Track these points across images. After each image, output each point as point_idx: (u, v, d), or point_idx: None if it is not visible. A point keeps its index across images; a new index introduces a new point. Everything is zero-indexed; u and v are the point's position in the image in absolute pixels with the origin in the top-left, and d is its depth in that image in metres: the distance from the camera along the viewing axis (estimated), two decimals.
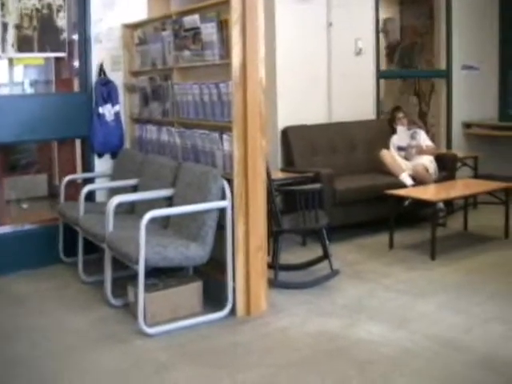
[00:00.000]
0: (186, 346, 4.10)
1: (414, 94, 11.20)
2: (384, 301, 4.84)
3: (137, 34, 6.06)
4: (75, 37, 6.07)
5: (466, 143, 9.17)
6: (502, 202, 6.61)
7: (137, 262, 4.17)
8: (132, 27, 6.14)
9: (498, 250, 6.17)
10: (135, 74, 6.15)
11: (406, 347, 4.01)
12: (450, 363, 3.78)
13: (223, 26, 4.62)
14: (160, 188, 5.08)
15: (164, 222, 4.89)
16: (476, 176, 8.19)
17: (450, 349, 3.97)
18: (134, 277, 4.37)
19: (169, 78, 5.46)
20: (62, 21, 5.95)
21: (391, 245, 6.24)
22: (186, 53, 5.11)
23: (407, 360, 3.83)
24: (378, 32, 8.06)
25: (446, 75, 8.96)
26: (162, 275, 4.67)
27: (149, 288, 4.40)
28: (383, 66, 8.74)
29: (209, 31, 4.76)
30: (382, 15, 8.68)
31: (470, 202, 7.35)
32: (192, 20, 4.93)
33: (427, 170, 7.02)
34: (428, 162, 7.16)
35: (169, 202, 4.95)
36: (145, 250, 4.14)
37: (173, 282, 4.60)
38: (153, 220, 4.36)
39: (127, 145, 6.19)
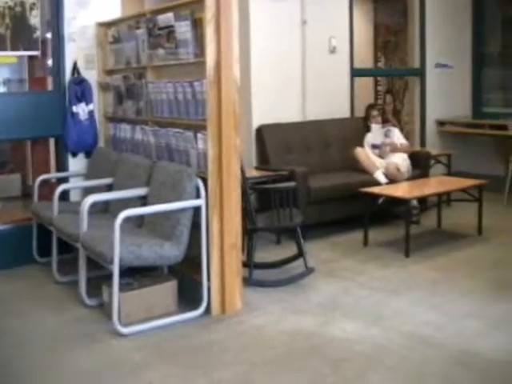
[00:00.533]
0: (160, 345, 4.09)
1: (388, 92, 11.28)
2: (358, 298, 4.86)
3: (111, 32, 6.02)
4: (49, 35, 6.03)
5: (440, 141, 9.24)
6: (475, 199, 6.67)
7: (111, 262, 4.15)
8: (106, 26, 6.10)
9: (472, 246, 6.23)
10: (109, 72, 6.12)
11: (381, 344, 4.03)
12: (425, 360, 3.81)
13: (197, 25, 4.61)
14: (134, 187, 5.06)
15: (138, 222, 4.88)
16: (449, 173, 8.25)
17: (424, 345, 4.00)
18: (108, 276, 4.35)
19: (143, 77, 5.44)
20: (35, 19, 5.91)
21: (365, 242, 6.28)
22: (161, 51, 5.09)
23: (382, 357, 3.86)
24: (352, 30, 8.09)
25: (420, 73, 9.03)
26: (137, 275, 4.65)
27: (123, 287, 4.39)
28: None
29: (183, 29, 4.75)
30: (356, 13, 8.71)
31: (443, 200, 7.40)
32: (166, 18, 4.92)
33: (398, 170, 7.06)
34: (401, 160, 7.20)
35: (143, 201, 4.93)
36: (119, 250, 4.13)
37: (147, 282, 4.59)
38: (127, 219, 4.35)
39: (101, 144, 6.16)
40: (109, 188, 5.50)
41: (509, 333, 4.17)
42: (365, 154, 7.26)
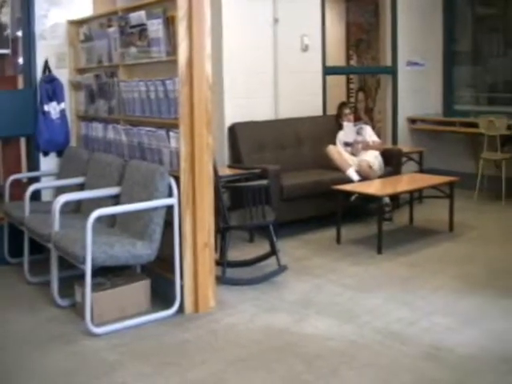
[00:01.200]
0: (134, 344, 4.08)
1: (360, 90, 11.34)
2: (331, 295, 4.89)
3: (82, 30, 5.98)
4: (19, 33, 5.98)
5: (412, 138, 9.31)
6: (446, 195, 6.73)
7: (83, 262, 4.13)
8: (77, 24, 6.07)
9: (443, 243, 6.28)
10: (81, 71, 6.09)
11: (354, 341, 4.06)
12: (397, 355, 3.84)
13: (170, 23, 4.61)
14: (106, 186, 5.05)
15: (111, 221, 4.86)
16: (421, 171, 8.32)
17: (396, 341, 4.04)
18: (81, 276, 4.32)
19: (115, 75, 5.41)
20: (5, 17, 5.87)
21: (338, 240, 6.31)
22: (133, 49, 5.07)
23: (355, 353, 3.88)
24: (324, 28, 8.11)
25: (392, 71, 9.09)
26: (110, 274, 4.63)
27: (96, 287, 4.37)
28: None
29: (155, 28, 4.74)
30: (328, 12, 8.74)
31: (415, 197, 7.47)
32: (138, 16, 4.90)
33: (371, 167, 7.10)
34: (373, 157, 7.25)
35: (115, 200, 4.91)
36: (91, 249, 4.11)
37: (120, 281, 4.58)
38: (99, 219, 4.34)
39: (73, 143, 6.12)
40: (81, 187, 5.47)
41: (479, 328, 4.22)
42: (337, 151, 7.29)
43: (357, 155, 7.36)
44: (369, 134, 7.58)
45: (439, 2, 9.51)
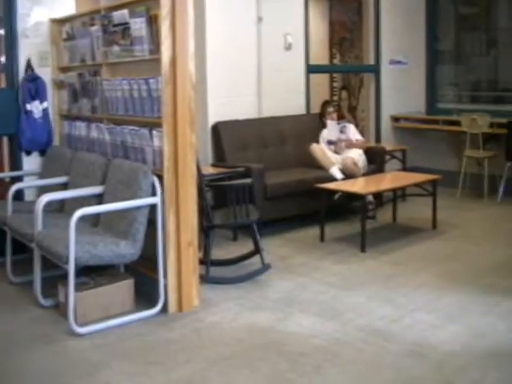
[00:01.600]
0: (118, 344, 4.07)
1: (344, 88, 11.37)
2: (315, 294, 4.90)
3: (65, 29, 5.96)
4: (1, 31, 5.95)
5: (395, 136, 9.35)
6: (429, 193, 6.77)
7: (67, 261, 4.12)
8: (60, 22, 6.05)
9: (426, 240, 6.32)
10: (64, 69, 6.06)
11: (337, 338, 4.07)
12: (380, 352, 3.87)
13: (152, 21, 4.60)
14: (90, 185, 5.03)
15: (94, 220, 4.85)
16: (404, 169, 8.36)
17: (379, 338, 4.06)
18: (64, 276, 4.31)
19: (98, 74, 5.40)
20: None
21: (322, 238, 6.32)
22: (116, 48, 5.06)
23: (338, 351, 3.90)
24: (307, 27, 8.12)
25: (375, 70, 9.12)
26: (93, 273, 4.62)
27: (79, 287, 4.36)
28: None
29: (138, 26, 4.73)
30: (312, 10, 8.75)
31: (398, 195, 7.50)
32: (121, 15, 4.89)
33: (356, 164, 7.12)
34: (357, 155, 7.27)
35: (99, 199, 4.90)
36: (75, 249, 4.10)
37: (104, 281, 4.56)
38: (83, 218, 4.32)
39: (56, 142, 6.10)
40: (64, 187, 5.45)
41: (462, 324, 4.25)
42: (320, 150, 7.31)
43: (340, 153, 7.38)
44: (352, 133, 7.60)
45: (422, 1, 9.56)
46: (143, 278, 4.71)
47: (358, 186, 6.67)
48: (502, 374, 3.58)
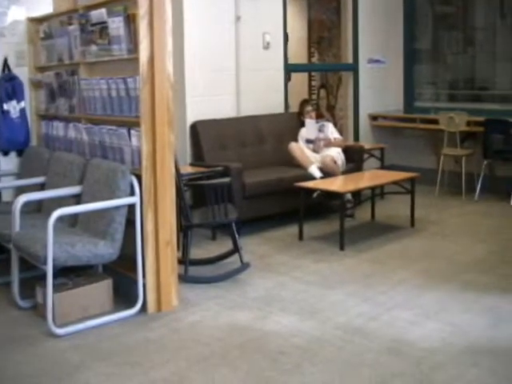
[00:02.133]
0: (97, 345, 4.06)
1: (322, 87, 11.39)
2: (294, 292, 4.91)
3: (42, 28, 5.93)
4: None
5: (373, 135, 9.39)
6: (407, 191, 6.80)
7: (45, 262, 4.09)
8: (37, 21, 6.01)
9: (404, 238, 6.35)
10: (41, 69, 6.03)
11: (317, 337, 4.09)
12: (359, 350, 3.88)
13: (130, 21, 4.58)
14: (68, 186, 5.01)
15: (72, 221, 4.82)
16: (382, 167, 8.40)
17: (358, 336, 4.07)
18: (42, 277, 4.29)
19: (75, 73, 5.37)
20: None
21: (301, 237, 6.34)
22: (93, 47, 5.04)
23: (318, 349, 3.91)
24: (285, 26, 8.13)
25: (353, 68, 9.14)
26: (71, 274, 4.60)
27: (58, 288, 4.34)
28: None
29: (116, 26, 4.71)
30: (290, 9, 8.77)
31: (377, 193, 7.53)
32: (99, 14, 4.87)
33: (335, 162, 7.14)
34: (336, 153, 7.29)
35: (77, 199, 4.88)
36: (52, 249, 4.08)
37: (82, 281, 4.54)
38: (61, 218, 4.30)
39: (34, 142, 6.07)
40: (42, 187, 5.42)
41: (439, 321, 4.28)
42: (299, 148, 7.32)
43: (319, 152, 7.40)
44: (330, 131, 7.62)
45: (400, 1, 9.60)
46: (122, 278, 4.70)
47: (336, 184, 6.69)
48: (481, 370, 3.61)
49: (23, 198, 4.67)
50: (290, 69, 8.24)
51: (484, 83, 9.31)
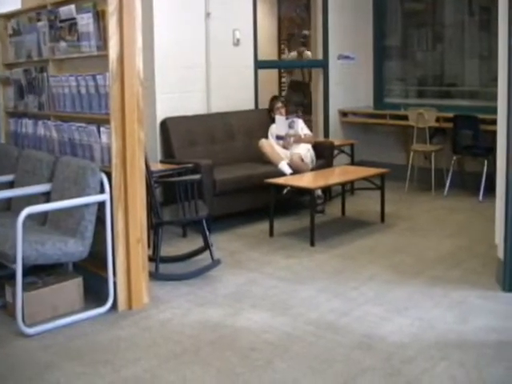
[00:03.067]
0: (67, 344, 4.03)
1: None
2: (265, 288, 4.93)
3: (10, 24, 5.86)
4: None
5: (343, 131, 9.42)
6: (377, 187, 6.84)
7: (14, 261, 4.06)
8: (5, 17, 5.94)
9: (375, 234, 6.39)
10: (9, 66, 5.96)
11: (288, 332, 4.11)
12: (330, 345, 3.91)
13: (100, 17, 4.55)
14: (37, 183, 4.96)
15: (42, 219, 4.79)
16: (352, 163, 8.44)
17: (329, 332, 4.10)
18: (11, 276, 4.25)
19: (44, 70, 5.32)
20: None
21: (271, 233, 6.35)
22: (62, 44, 5.00)
23: (289, 345, 3.93)
24: (255, 23, 8.13)
25: (323, 65, 9.17)
26: (41, 273, 4.57)
27: (27, 287, 4.30)
28: None
29: (85, 22, 4.68)
30: (260, 6, 8.77)
31: (347, 189, 7.57)
32: (68, 10, 4.83)
33: (302, 160, 7.17)
34: (305, 150, 7.32)
35: (46, 197, 4.84)
36: (22, 248, 4.04)
37: (52, 280, 4.51)
38: (30, 216, 4.26)
39: (2, 140, 6.01)
40: (10, 185, 5.36)
41: (410, 316, 4.32)
42: (269, 145, 7.33)
43: (289, 148, 7.41)
44: (300, 127, 7.64)
45: None
46: (92, 276, 4.67)
47: (306, 180, 6.72)
48: (451, 363, 3.65)
49: None
50: (260, 66, 8.23)
51: (453, 80, 9.39)
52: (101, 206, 4.45)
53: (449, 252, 5.75)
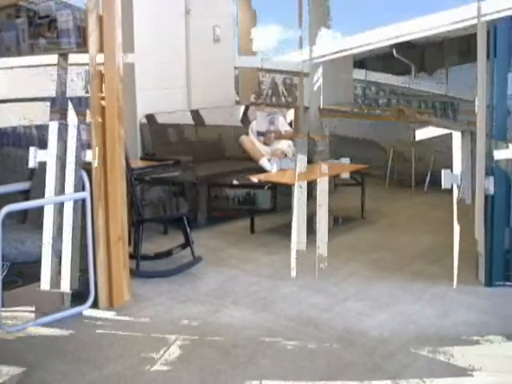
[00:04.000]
0: (49, 343, 4.01)
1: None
2: (247, 285, 4.93)
3: None
4: None
5: (324, 127, 9.41)
6: (358, 183, 6.86)
7: None
8: None
9: (356, 230, 6.42)
10: None
11: (270, 328, 4.12)
12: (312, 341, 3.93)
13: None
14: (16, 181, 4.93)
15: (21, 217, 4.75)
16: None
17: (311, 327, 4.12)
18: None
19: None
20: None
21: (252, 230, 6.36)
22: (42, 41, 4.98)
23: (271, 341, 3.94)
24: (236, 19, 8.14)
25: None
26: (22, 272, 4.54)
27: (8, 286, 4.27)
28: None
29: (64, 19, 4.66)
30: (240, 3, 8.77)
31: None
32: (47, 7, 4.81)
33: (285, 155, 7.17)
34: (286, 146, 7.33)
35: (26, 195, 4.81)
36: (1, 247, 4.01)
37: (33, 278, 4.48)
38: (9, 215, 4.22)
39: None
40: None
41: (390, 312, 4.35)
42: (250, 141, 7.33)
43: (270, 145, 7.42)
44: (281, 124, 7.65)
45: None
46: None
47: (287, 176, 6.71)
48: (432, 357, 3.68)
49: None
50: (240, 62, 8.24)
51: None
52: (81, 203, 4.42)
53: (429, 247, 5.78)
